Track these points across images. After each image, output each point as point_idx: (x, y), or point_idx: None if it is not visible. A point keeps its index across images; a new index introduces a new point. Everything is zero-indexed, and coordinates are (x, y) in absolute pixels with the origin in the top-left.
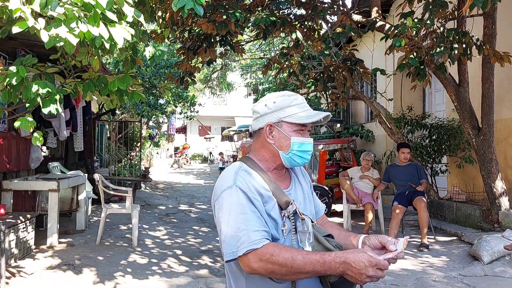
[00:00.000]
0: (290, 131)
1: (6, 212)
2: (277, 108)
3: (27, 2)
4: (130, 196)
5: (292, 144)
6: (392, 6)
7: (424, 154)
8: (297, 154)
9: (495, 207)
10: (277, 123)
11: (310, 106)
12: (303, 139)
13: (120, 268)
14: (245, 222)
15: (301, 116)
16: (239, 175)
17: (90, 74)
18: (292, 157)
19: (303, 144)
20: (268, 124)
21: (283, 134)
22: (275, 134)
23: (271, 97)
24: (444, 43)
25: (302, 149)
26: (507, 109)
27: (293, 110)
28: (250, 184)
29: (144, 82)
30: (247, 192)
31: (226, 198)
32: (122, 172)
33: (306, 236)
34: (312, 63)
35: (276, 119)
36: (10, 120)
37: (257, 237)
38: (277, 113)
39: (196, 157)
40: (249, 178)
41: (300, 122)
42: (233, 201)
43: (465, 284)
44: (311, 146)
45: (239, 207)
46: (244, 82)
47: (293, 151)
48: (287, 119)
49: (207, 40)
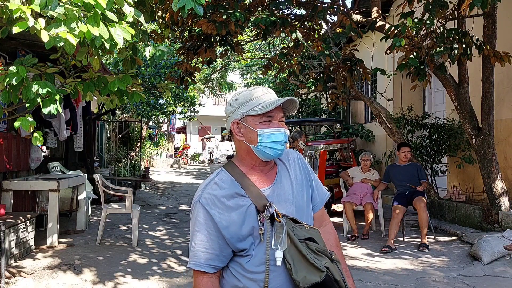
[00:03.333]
0: (255, 124)
1: (6, 212)
2: (239, 104)
3: (27, 2)
4: (130, 196)
5: (260, 136)
6: (392, 6)
7: (424, 154)
8: (267, 146)
9: (495, 207)
10: (242, 118)
11: (309, 106)
12: (270, 130)
13: (120, 268)
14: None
15: (262, 106)
16: (207, 188)
17: (90, 74)
18: (262, 149)
19: (272, 135)
20: (233, 122)
21: (249, 128)
22: (243, 131)
23: (234, 95)
24: (444, 43)
25: (271, 140)
26: (507, 109)
27: (255, 103)
28: (216, 199)
29: (144, 82)
30: (208, 209)
31: (192, 212)
32: (122, 172)
33: (279, 240)
34: (312, 63)
35: (240, 115)
36: (10, 120)
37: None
38: (240, 109)
39: (196, 157)
40: (217, 191)
41: (260, 112)
42: (194, 217)
43: (465, 284)
44: (283, 136)
45: (197, 224)
46: (244, 82)
47: (262, 143)
48: (250, 113)
49: (207, 40)
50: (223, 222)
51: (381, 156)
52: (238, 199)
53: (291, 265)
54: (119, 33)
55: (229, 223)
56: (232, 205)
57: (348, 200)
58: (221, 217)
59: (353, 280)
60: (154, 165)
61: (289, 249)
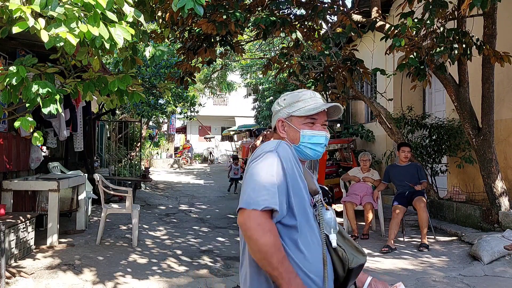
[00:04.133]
0: (299, 124)
1: (6, 212)
2: (287, 104)
3: (27, 2)
4: (130, 196)
5: (302, 137)
6: (392, 6)
7: (424, 154)
8: (308, 146)
9: (495, 207)
10: (287, 118)
11: None
12: (313, 132)
13: (120, 268)
14: (270, 185)
15: (308, 108)
16: (282, 146)
17: (90, 74)
18: (303, 149)
19: (314, 137)
20: (279, 120)
21: (293, 128)
22: (287, 129)
23: (282, 95)
24: (444, 43)
25: (313, 141)
26: (507, 109)
27: (301, 105)
28: (291, 156)
29: (144, 82)
30: (283, 161)
31: (264, 158)
32: (122, 172)
33: (331, 224)
34: (312, 63)
35: (286, 114)
36: (10, 120)
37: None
38: (287, 109)
39: (196, 157)
40: (290, 152)
41: (305, 114)
42: (269, 163)
43: (465, 284)
44: (324, 139)
45: (271, 170)
46: (244, 82)
47: (304, 143)
48: (296, 113)
49: (207, 40)
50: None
51: (381, 156)
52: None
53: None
54: (119, 33)
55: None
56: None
57: (349, 200)
58: (292, 173)
59: None
60: (154, 165)
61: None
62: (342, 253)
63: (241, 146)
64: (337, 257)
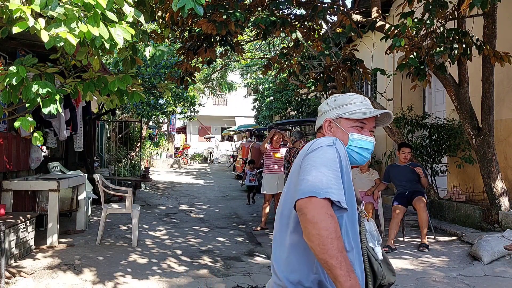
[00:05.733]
0: (348, 127)
1: (6, 212)
2: (337, 105)
3: (27, 2)
4: (130, 196)
5: (350, 140)
6: (392, 6)
7: (424, 154)
8: (355, 150)
9: (495, 207)
10: (336, 119)
11: (309, 106)
12: (361, 136)
13: (120, 268)
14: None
15: (358, 112)
16: (338, 142)
17: (90, 74)
18: (349, 152)
19: (362, 141)
20: (326, 120)
21: (341, 129)
22: (334, 129)
23: (333, 96)
24: (444, 43)
25: (360, 145)
26: (507, 109)
27: (352, 107)
28: (345, 153)
29: (144, 82)
30: (342, 158)
31: (324, 151)
32: (122, 172)
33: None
34: (312, 63)
35: (335, 115)
36: (10, 120)
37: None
38: (336, 110)
39: (196, 157)
40: (343, 149)
41: (356, 117)
42: (330, 157)
43: (465, 284)
44: (371, 145)
45: (333, 163)
46: (244, 82)
47: (351, 146)
48: (345, 115)
49: (207, 40)
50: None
51: (381, 156)
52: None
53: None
54: (119, 33)
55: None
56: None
57: None
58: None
59: None
60: (154, 165)
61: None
62: (378, 267)
63: (241, 146)
64: (371, 270)
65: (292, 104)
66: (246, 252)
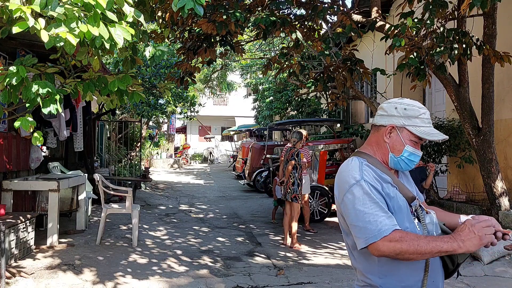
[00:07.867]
0: (407, 139)
1: (6, 212)
2: (405, 115)
3: (27, 2)
4: (130, 196)
5: (405, 151)
6: (392, 6)
7: (424, 154)
8: (404, 161)
9: (495, 207)
10: (400, 128)
11: (309, 106)
12: (414, 150)
13: (120, 268)
14: (375, 213)
15: (423, 130)
16: (363, 170)
17: (90, 74)
18: (399, 161)
19: (413, 155)
20: (391, 126)
21: (400, 139)
22: (393, 136)
23: (403, 102)
24: (444, 43)
25: (410, 158)
26: (507, 109)
27: (419, 122)
28: (377, 175)
29: (144, 82)
30: (373, 184)
31: (356, 191)
32: (122, 172)
33: (433, 227)
34: (312, 63)
35: (400, 124)
36: (10, 120)
37: (387, 225)
38: (403, 119)
39: (196, 157)
40: (371, 171)
41: (420, 135)
42: (364, 193)
43: (465, 284)
44: (418, 159)
45: (369, 199)
46: (244, 82)
47: (403, 157)
48: (410, 128)
49: (207, 40)
50: (390, 194)
51: None
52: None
53: None
54: (119, 33)
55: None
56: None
57: None
58: (386, 190)
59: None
60: (154, 165)
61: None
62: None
63: (241, 146)
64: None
65: (292, 104)
66: (246, 252)
